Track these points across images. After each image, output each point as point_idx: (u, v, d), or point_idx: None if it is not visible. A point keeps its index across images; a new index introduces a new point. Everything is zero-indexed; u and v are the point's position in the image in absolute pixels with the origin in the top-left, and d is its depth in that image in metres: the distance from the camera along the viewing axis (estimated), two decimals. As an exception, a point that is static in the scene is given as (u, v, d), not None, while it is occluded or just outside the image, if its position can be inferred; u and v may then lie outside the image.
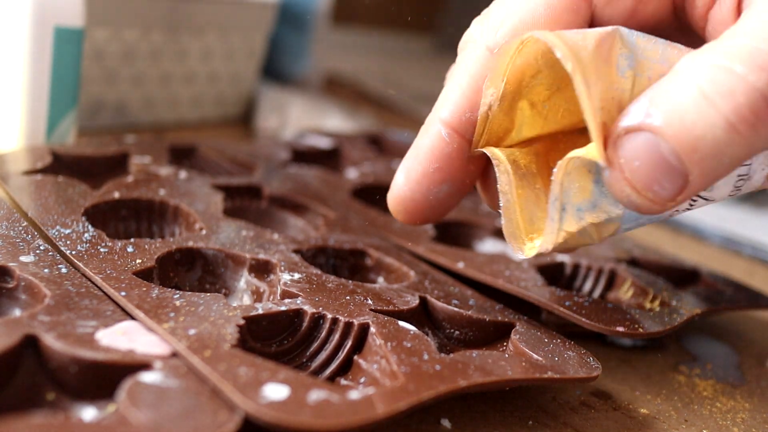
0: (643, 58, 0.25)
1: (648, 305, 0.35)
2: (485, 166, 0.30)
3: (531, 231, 0.28)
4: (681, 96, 0.23)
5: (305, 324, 0.27)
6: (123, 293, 0.26)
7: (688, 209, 0.28)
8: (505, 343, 0.30)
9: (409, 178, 0.29)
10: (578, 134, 0.28)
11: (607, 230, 0.27)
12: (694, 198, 0.27)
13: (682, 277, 0.40)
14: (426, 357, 0.26)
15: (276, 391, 0.22)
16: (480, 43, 0.28)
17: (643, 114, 0.23)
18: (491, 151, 0.28)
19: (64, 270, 0.28)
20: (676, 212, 0.28)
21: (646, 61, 0.25)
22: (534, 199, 0.28)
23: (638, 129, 0.23)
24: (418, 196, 0.29)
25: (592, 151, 0.24)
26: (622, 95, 0.24)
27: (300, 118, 0.59)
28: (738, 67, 0.22)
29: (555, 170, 0.25)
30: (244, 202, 0.39)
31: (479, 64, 0.28)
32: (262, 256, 0.31)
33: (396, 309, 0.29)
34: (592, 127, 0.24)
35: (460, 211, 0.43)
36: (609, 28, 0.25)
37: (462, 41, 0.30)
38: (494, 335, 0.31)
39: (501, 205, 0.28)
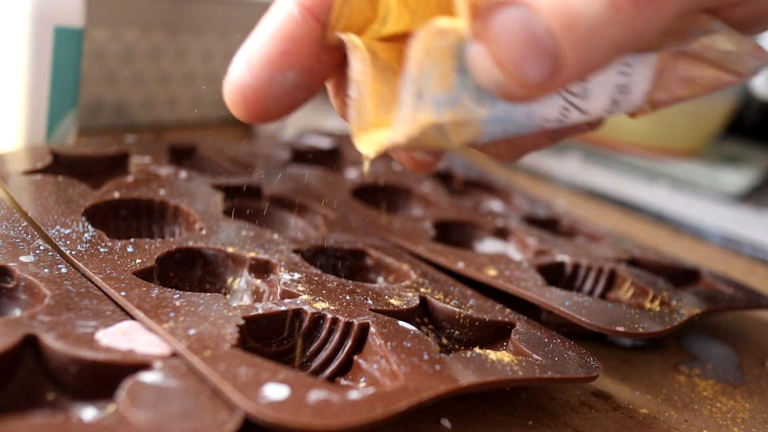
0: None
1: (648, 305, 0.35)
2: (340, 61, 0.26)
3: (382, 127, 0.24)
4: None
5: (305, 324, 0.27)
6: (123, 293, 0.26)
7: (562, 120, 0.25)
8: (505, 343, 0.30)
9: (251, 62, 0.25)
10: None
11: (467, 132, 0.23)
12: (567, 105, 0.25)
13: (682, 277, 0.40)
14: (426, 357, 0.26)
15: (276, 391, 0.22)
16: None
17: None
18: (348, 38, 0.24)
19: (64, 270, 0.28)
20: (548, 122, 0.25)
21: None
22: (390, 97, 0.24)
23: (511, 2, 0.21)
24: (259, 84, 0.25)
25: (458, 22, 0.21)
26: None
27: (300, 118, 0.59)
28: None
29: (414, 45, 0.22)
30: (244, 202, 0.39)
31: None
32: (262, 256, 0.31)
33: (396, 309, 0.29)
34: None
35: (460, 211, 0.43)
36: None
37: None
38: (494, 335, 0.31)
39: (352, 96, 0.24)
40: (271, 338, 0.27)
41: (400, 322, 0.28)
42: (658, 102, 0.25)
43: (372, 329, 0.27)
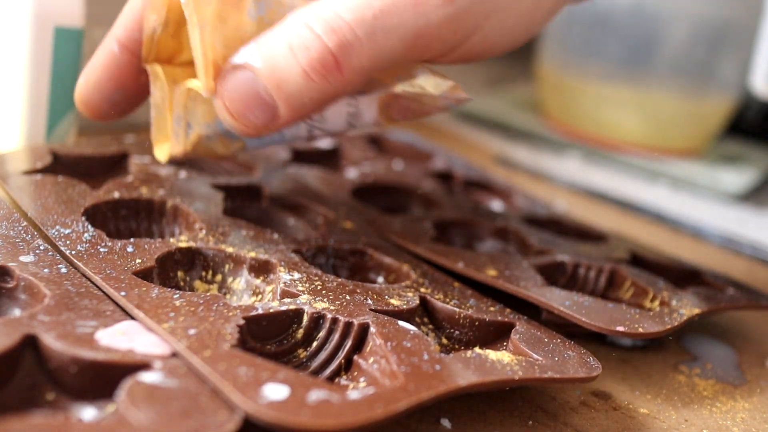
0: (275, 6, 0.30)
1: (648, 305, 0.35)
2: None
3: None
4: (276, 44, 0.28)
5: (305, 324, 0.28)
6: (123, 293, 0.26)
7: (311, 136, 0.33)
8: (505, 343, 0.30)
9: (87, 85, 0.33)
10: None
11: (234, 146, 0.32)
12: (311, 128, 0.33)
13: (682, 277, 0.40)
14: (426, 357, 0.26)
15: (276, 391, 0.22)
16: None
17: (248, 55, 0.28)
18: (152, 68, 0.32)
19: (63, 270, 0.28)
20: (299, 139, 0.33)
21: (277, 8, 0.30)
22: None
23: (242, 67, 0.28)
24: (97, 99, 0.33)
25: (200, 83, 0.29)
26: (248, 37, 0.29)
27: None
28: (318, 27, 0.27)
29: (176, 94, 0.31)
30: (244, 202, 0.39)
31: None
32: (262, 256, 0.31)
33: (396, 309, 0.29)
34: (199, 62, 0.29)
35: (460, 211, 0.43)
36: None
37: None
38: (494, 335, 0.31)
39: (152, 115, 0.33)
40: (271, 338, 0.27)
41: (400, 322, 0.28)
42: (390, 120, 0.33)
43: (372, 329, 0.27)
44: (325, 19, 0.28)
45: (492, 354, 0.27)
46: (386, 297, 0.30)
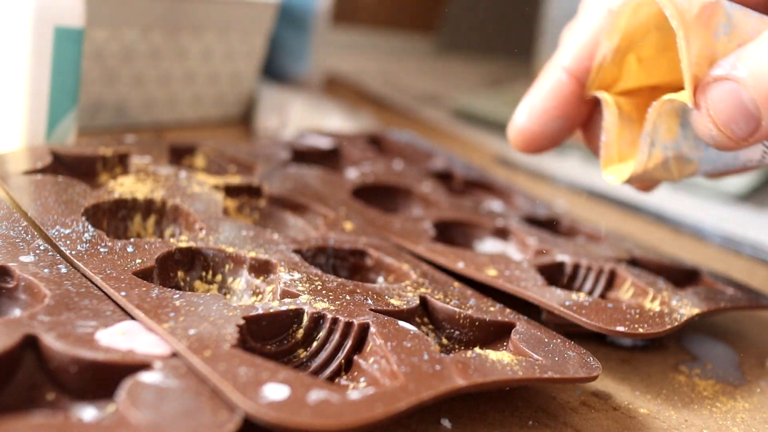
0: (736, 28, 0.30)
1: (648, 305, 0.35)
2: (591, 111, 0.35)
3: (622, 162, 0.34)
4: (763, 56, 0.29)
5: (305, 324, 0.28)
6: (123, 293, 0.26)
7: (761, 161, 0.34)
8: (505, 343, 0.30)
9: (531, 114, 0.35)
10: (674, 92, 0.32)
11: (687, 169, 0.33)
12: (766, 150, 0.33)
13: (682, 277, 0.40)
14: (426, 357, 0.26)
15: (276, 391, 0.22)
16: (601, 2, 0.33)
17: (730, 67, 0.29)
18: (603, 95, 0.33)
19: (64, 270, 0.28)
20: (750, 163, 0.34)
21: (738, 30, 0.30)
22: (630, 140, 0.33)
23: (725, 78, 0.29)
24: (536, 128, 0.35)
25: (684, 95, 0.30)
26: (714, 55, 0.30)
27: (300, 118, 0.59)
28: None
29: (650, 110, 0.31)
30: (244, 202, 0.39)
31: (598, 21, 0.33)
32: (262, 256, 0.31)
33: (396, 309, 0.29)
34: (686, 74, 0.29)
35: (460, 211, 0.43)
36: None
37: (582, 2, 0.36)
38: (494, 335, 0.31)
39: (603, 139, 0.34)
40: (271, 338, 0.27)
41: (400, 322, 0.28)
42: None
43: (372, 329, 0.27)
44: None
45: (492, 354, 0.27)
46: (386, 297, 0.30)
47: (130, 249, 0.30)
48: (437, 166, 0.52)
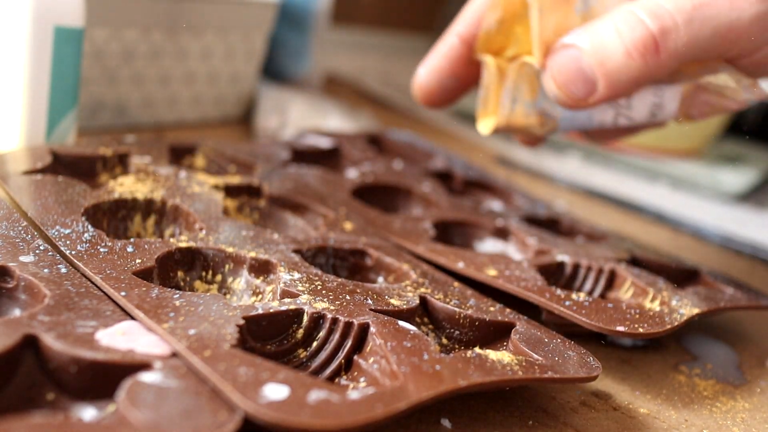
0: (594, 4, 0.35)
1: (648, 305, 0.35)
2: (481, 72, 0.39)
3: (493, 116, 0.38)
4: (603, 28, 0.33)
5: (305, 324, 0.27)
6: (123, 293, 0.26)
7: (615, 124, 0.38)
8: (505, 343, 0.30)
9: (428, 72, 0.39)
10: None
11: (548, 125, 0.37)
12: (617, 114, 0.37)
13: (682, 277, 0.40)
14: (426, 357, 0.26)
15: (276, 391, 0.22)
16: None
17: (576, 37, 0.33)
18: (484, 57, 0.38)
19: (63, 270, 0.28)
20: (605, 124, 0.38)
21: (596, 8, 0.35)
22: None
23: (570, 46, 0.33)
24: (432, 85, 0.39)
25: (533, 58, 0.35)
26: (571, 28, 0.34)
27: (300, 118, 0.59)
28: (642, 14, 0.32)
29: (510, 68, 0.36)
30: (244, 201, 0.39)
31: None
32: (262, 256, 0.31)
33: (396, 309, 0.29)
34: (535, 40, 0.34)
35: (460, 211, 0.43)
36: None
37: None
38: (494, 335, 0.31)
39: (480, 94, 0.38)
40: (271, 338, 0.27)
41: (400, 322, 0.28)
42: (689, 116, 0.38)
43: (372, 329, 0.27)
44: (648, 6, 0.32)
45: (492, 354, 0.27)
46: (386, 297, 0.30)
47: (130, 249, 0.30)
48: (437, 166, 0.52)
